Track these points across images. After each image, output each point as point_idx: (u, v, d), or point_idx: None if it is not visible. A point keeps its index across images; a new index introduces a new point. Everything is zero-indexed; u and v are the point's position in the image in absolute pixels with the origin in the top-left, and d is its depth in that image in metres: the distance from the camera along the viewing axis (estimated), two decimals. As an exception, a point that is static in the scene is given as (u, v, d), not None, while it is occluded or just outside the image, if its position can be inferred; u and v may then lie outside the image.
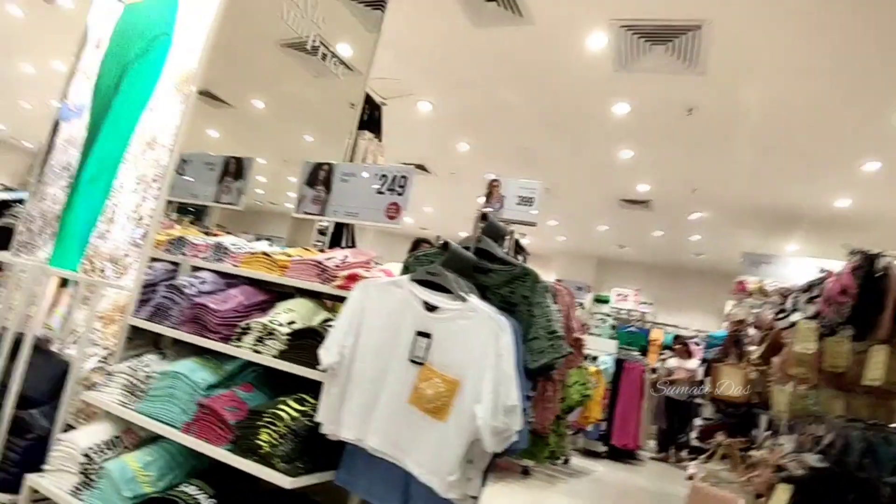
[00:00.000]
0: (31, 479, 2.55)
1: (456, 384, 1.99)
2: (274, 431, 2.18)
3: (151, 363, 2.72)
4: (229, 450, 2.29)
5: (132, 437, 2.66)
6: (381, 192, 3.05)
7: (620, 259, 13.04)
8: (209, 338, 2.61)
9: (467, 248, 2.30)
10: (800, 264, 7.33)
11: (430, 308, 2.10)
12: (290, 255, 2.94)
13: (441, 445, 1.97)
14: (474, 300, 2.07)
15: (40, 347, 2.87)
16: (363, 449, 2.11)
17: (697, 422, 6.14)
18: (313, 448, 2.23)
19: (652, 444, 8.75)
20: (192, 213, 4.39)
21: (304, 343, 2.38)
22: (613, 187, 8.50)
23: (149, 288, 3.01)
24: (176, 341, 2.81)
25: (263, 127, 7.93)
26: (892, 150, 5.80)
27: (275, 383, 2.58)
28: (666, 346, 9.76)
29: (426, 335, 2.07)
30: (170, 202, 4.27)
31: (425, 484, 1.98)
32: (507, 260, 2.29)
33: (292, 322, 2.55)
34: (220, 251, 3.10)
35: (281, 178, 8.64)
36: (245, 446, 2.24)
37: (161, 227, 3.31)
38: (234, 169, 3.68)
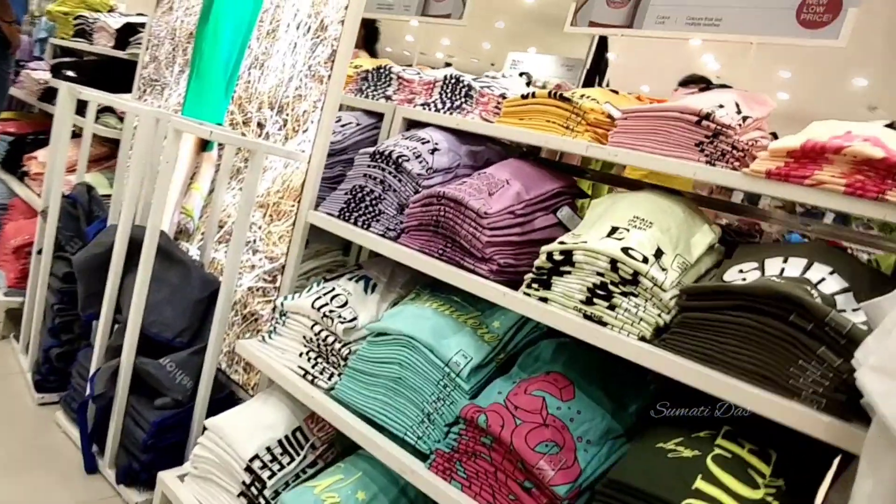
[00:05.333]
0: (166, 482, 1.49)
1: None
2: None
3: (350, 299, 1.46)
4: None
5: (322, 430, 1.49)
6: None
7: None
8: (478, 272, 1.26)
9: None
10: None
11: None
12: (596, 100, 1.44)
13: None
14: None
15: (169, 251, 1.71)
16: None
17: None
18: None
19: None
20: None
21: (738, 321, 0.94)
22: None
23: (337, 157, 1.71)
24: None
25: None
26: None
27: (599, 367, 1.22)
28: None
29: None
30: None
31: None
32: None
33: (660, 254, 1.10)
34: (457, 91, 1.68)
35: None
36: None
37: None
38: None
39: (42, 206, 2.05)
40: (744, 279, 1.03)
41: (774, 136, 1.41)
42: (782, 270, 1.01)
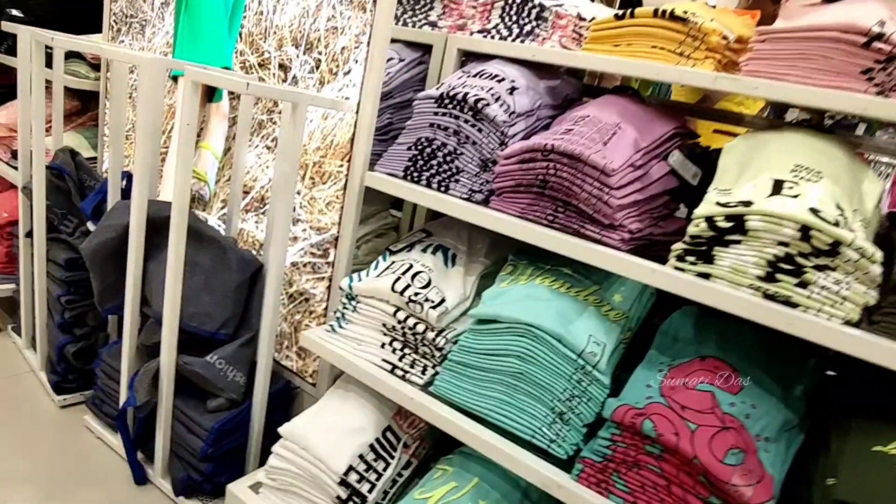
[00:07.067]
0: (238, 495, 1.32)
1: None
2: None
3: (432, 277, 1.24)
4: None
5: (412, 425, 1.32)
6: None
7: None
8: (607, 242, 1.05)
9: None
10: None
11: None
12: (702, 16, 1.19)
13: None
14: None
15: (198, 229, 1.45)
16: None
17: None
18: None
19: None
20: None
21: None
22: None
23: (383, 101, 1.43)
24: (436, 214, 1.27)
25: None
26: None
27: (753, 344, 1.05)
28: None
29: None
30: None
31: None
32: None
33: (841, 212, 0.91)
34: (524, 14, 1.39)
35: None
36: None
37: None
38: None
39: (23, 182, 1.73)
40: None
41: None
42: None
